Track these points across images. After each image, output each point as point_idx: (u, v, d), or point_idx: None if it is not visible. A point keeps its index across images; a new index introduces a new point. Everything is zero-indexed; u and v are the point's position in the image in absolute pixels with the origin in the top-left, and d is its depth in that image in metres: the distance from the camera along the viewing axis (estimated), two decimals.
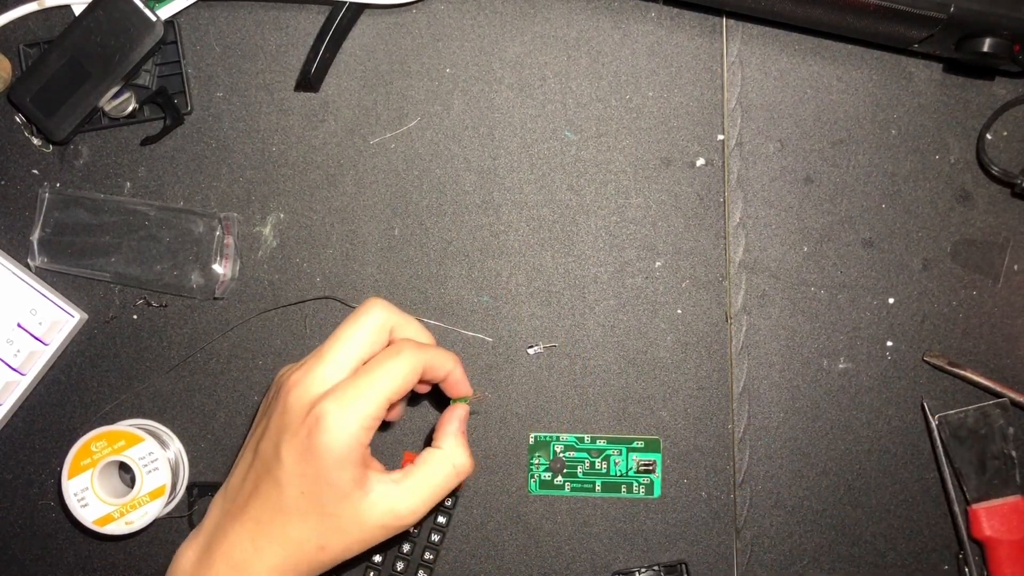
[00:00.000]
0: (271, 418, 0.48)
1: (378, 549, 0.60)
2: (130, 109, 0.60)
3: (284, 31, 0.61)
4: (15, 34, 0.61)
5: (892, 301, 0.60)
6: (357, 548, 0.49)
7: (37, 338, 0.59)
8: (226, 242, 0.60)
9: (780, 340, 0.60)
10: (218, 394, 0.61)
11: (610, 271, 0.60)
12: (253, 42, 0.61)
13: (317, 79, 0.60)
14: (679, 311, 0.60)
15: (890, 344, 0.60)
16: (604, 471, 0.60)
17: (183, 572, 0.50)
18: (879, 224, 0.60)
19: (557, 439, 0.60)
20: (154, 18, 0.58)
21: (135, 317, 0.61)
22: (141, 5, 0.57)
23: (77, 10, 0.60)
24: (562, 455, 0.60)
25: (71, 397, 0.61)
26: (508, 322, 0.60)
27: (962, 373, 0.59)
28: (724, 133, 0.60)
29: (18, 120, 0.61)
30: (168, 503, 0.58)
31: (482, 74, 0.61)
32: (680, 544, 0.60)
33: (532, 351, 0.61)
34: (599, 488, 0.60)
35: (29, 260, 0.60)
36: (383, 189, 0.61)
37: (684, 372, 0.60)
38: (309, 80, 0.59)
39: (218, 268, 0.60)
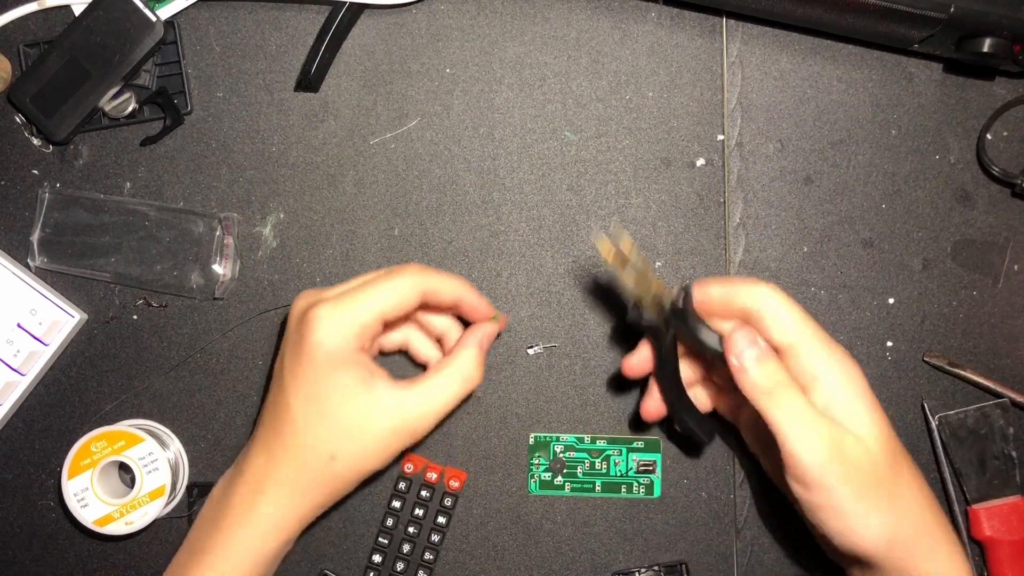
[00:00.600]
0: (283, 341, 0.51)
1: (378, 549, 0.60)
2: (130, 109, 0.60)
3: (284, 31, 0.61)
4: (15, 34, 0.61)
5: (892, 301, 0.60)
6: (372, 459, 0.49)
7: (37, 338, 0.59)
8: (226, 242, 0.60)
9: None
10: (218, 394, 0.61)
11: (610, 271, 0.60)
12: (253, 42, 0.61)
13: (317, 79, 0.60)
14: None
15: (890, 344, 0.60)
16: (604, 471, 0.60)
17: (212, 499, 0.53)
18: (879, 224, 0.60)
19: (557, 439, 0.60)
20: (154, 18, 0.58)
21: (135, 317, 0.61)
22: (141, 5, 0.57)
23: (77, 10, 0.60)
24: (562, 455, 0.60)
25: (71, 397, 0.61)
26: (508, 322, 0.60)
27: (962, 373, 0.59)
28: (724, 133, 0.60)
29: (18, 120, 0.61)
30: (168, 503, 0.58)
31: (482, 74, 0.61)
32: (680, 544, 0.60)
33: (532, 351, 0.61)
34: (599, 488, 0.60)
35: (29, 260, 0.60)
36: (383, 189, 0.61)
37: None
38: (309, 80, 0.59)
39: (218, 268, 0.60)
